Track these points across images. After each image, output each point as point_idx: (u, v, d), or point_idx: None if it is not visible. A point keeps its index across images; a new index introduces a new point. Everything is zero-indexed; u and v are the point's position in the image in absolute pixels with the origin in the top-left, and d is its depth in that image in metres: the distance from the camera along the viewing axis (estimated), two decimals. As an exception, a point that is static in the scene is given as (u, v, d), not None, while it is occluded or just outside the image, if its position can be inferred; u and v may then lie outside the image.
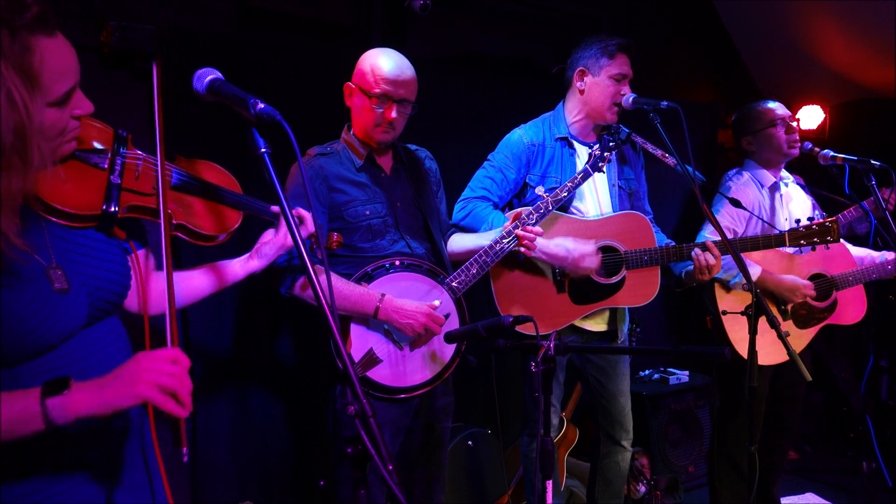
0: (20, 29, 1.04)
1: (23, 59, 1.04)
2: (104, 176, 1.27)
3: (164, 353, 1.14)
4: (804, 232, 2.48)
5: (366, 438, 1.13)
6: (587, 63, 2.54)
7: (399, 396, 2.16)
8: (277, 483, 2.80)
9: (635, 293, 2.55)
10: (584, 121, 2.60)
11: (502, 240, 2.25)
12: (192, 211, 1.44)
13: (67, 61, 1.12)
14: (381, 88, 2.11)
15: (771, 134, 2.87)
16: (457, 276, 2.24)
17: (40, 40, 1.07)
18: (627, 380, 2.73)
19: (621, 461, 2.74)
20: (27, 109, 1.04)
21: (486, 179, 2.54)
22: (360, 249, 2.17)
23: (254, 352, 2.74)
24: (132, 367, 1.12)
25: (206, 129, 2.44)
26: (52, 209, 1.19)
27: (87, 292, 1.23)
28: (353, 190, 2.18)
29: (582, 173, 2.37)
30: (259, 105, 1.28)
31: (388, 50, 2.18)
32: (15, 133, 1.04)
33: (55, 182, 1.19)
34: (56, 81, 1.10)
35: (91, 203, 1.24)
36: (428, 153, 2.46)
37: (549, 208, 2.31)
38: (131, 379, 1.10)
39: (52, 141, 1.14)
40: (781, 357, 2.74)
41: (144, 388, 1.09)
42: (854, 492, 3.62)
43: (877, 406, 3.96)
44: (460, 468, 2.97)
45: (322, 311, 1.19)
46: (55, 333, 1.17)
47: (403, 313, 2.09)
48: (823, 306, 2.87)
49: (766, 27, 4.21)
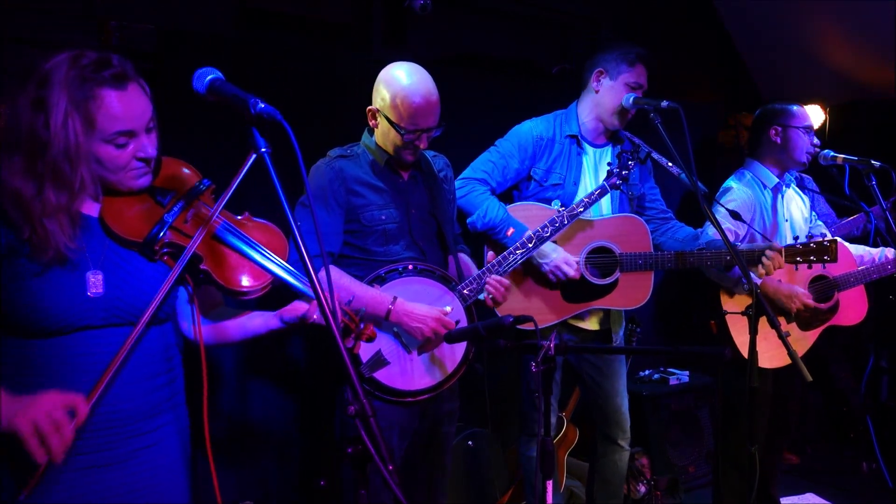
0: (91, 80, 1.32)
1: (85, 103, 1.32)
2: (161, 213, 1.46)
3: (66, 399, 1.27)
4: (801, 249, 2.47)
5: (366, 438, 1.13)
6: (607, 66, 2.55)
7: (406, 400, 2.16)
8: (278, 483, 2.80)
9: (627, 296, 2.55)
10: (596, 122, 2.62)
11: (511, 254, 2.32)
12: (222, 262, 1.52)
13: (126, 110, 1.36)
14: (411, 123, 2.09)
15: (801, 136, 2.86)
16: (468, 283, 2.25)
17: (105, 91, 1.33)
18: (624, 379, 2.73)
19: (619, 460, 2.74)
20: (77, 140, 1.31)
21: (488, 163, 2.56)
22: (374, 253, 2.18)
23: (255, 351, 2.74)
24: (32, 399, 1.25)
25: (205, 129, 2.44)
26: (106, 226, 1.43)
27: (105, 298, 1.39)
28: (370, 194, 2.18)
29: (599, 189, 2.40)
30: (259, 105, 1.28)
31: (411, 72, 2.12)
32: (66, 156, 1.31)
33: (121, 206, 1.44)
34: (111, 124, 1.34)
35: (136, 231, 1.44)
36: (446, 160, 2.43)
37: (566, 223, 2.36)
38: (23, 409, 1.23)
39: (114, 174, 1.40)
40: (785, 360, 2.73)
41: (21, 420, 1.22)
42: (854, 492, 3.62)
43: (877, 406, 3.96)
44: (460, 468, 2.97)
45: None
46: (66, 321, 1.35)
47: (414, 317, 2.10)
48: (826, 308, 2.87)
49: (767, 27, 4.21)
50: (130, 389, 1.43)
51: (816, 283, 2.88)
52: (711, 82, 4.48)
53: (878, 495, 3.51)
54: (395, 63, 2.17)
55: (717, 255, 2.48)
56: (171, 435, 1.53)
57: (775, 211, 2.93)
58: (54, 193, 1.32)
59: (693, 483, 3.58)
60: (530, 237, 2.33)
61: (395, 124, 2.10)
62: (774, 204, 2.93)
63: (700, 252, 2.51)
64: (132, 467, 1.43)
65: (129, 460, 1.43)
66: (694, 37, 4.33)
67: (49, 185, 1.32)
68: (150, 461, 1.46)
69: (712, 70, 4.47)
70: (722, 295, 2.82)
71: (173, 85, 2.31)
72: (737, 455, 2.90)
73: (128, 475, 1.43)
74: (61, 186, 1.32)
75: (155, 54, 2.39)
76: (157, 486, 1.47)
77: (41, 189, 1.31)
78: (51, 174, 1.31)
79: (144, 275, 1.45)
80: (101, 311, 1.39)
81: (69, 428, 1.24)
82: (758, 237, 2.78)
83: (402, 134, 2.10)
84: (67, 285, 1.37)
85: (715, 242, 2.53)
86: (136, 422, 1.44)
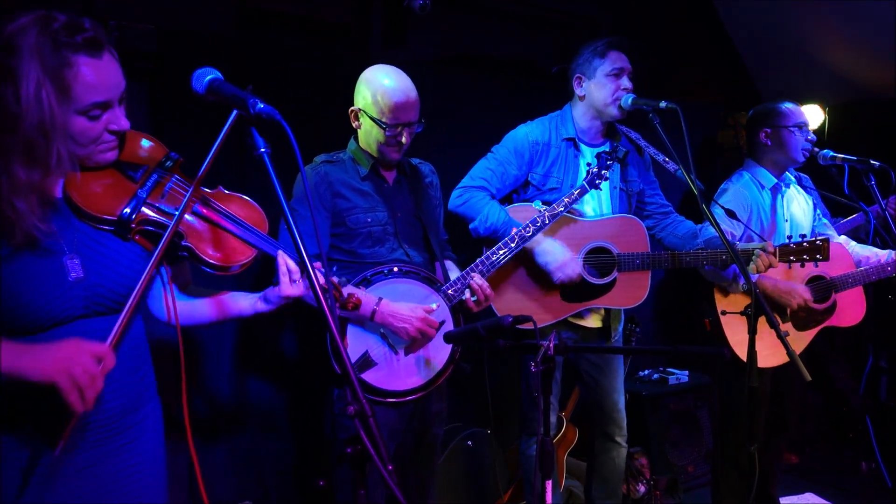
0: (65, 46, 1.22)
1: (58, 71, 1.21)
2: (134, 189, 1.38)
3: (93, 349, 1.22)
4: (794, 248, 2.48)
5: (365, 438, 1.13)
6: (582, 69, 2.58)
7: (389, 400, 2.18)
8: (276, 483, 2.80)
9: (625, 295, 2.57)
10: (591, 122, 2.62)
11: (494, 254, 2.32)
12: (205, 237, 1.47)
13: (102, 79, 1.27)
14: (393, 118, 2.15)
15: (791, 134, 2.86)
16: (453, 284, 2.28)
17: (81, 58, 1.23)
18: (621, 377, 2.75)
19: (616, 458, 2.75)
20: (52, 112, 1.20)
21: (486, 170, 2.56)
22: (360, 255, 2.22)
23: (254, 350, 2.74)
24: (59, 349, 1.21)
25: (205, 129, 2.43)
26: (73, 205, 1.32)
27: (84, 286, 1.32)
28: (355, 197, 2.22)
29: (579, 189, 2.40)
30: (258, 105, 1.28)
31: (389, 72, 2.20)
32: (39, 130, 1.20)
33: (88, 183, 1.33)
34: (86, 93, 1.25)
35: (108, 208, 1.34)
36: (431, 167, 2.49)
37: (546, 222, 2.36)
38: (51, 359, 1.19)
39: (84, 147, 1.29)
40: (781, 359, 2.74)
41: (59, 373, 1.18)
42: (853, 492, 3.62)
43: (876, 406, 3.96)
44: (460, 468, 2.97)
45: (323, 315, 1.19)
46: (49, 314, 1.28)
47: (399, 317, 2.12)
48: (822, 308, 2.87)
49: (766, 27, 4.21)
50: (117, 385, 1.40)
51: (813, 284, 2.89)
52: (711, 82, 4.47)
53: (877, 495, 3.51)
54: (373, 66, 2.24)
55: (713, 255, 2.49)
56: (150, 427, 1.51)
57: (774, 211, 2.93)
58: (24, 170, 1.21)
59: (692, 483, 3.58)
60: (513, 237, 2.34)
61: (377, 120, 2.16)
62: (773, 204, 2.93)
63: (697, 252, 2.52)
64: (120, 462, 1.42)
65: (117, 455, 1.42)
66: (694, 37, 4.33)
67: (18, 162, 1.20)
68: (136, 454, 1.45)
69: (712, 70, 4.46)
70: (716, 293, 2.83)
71: (173, 85, 2.33)
72: (736, 455, 2.90)
73: (118, 470, 1.42)
74: (33, 162, 1.21)
75: (155, 54, 2.39)
76: (141, 479, 1.46)
77: (7, 165, 1.20)
78: (22, 149, 1.20)
79: (122, 257, 1.38)
80: (83, 299, 1.32)
81: (101, 378, 1.22)
82: (754, 237, 2.78)
83: (385, 129, 2.15)
84: (45, 273, 1.27)
85: (713, 241, 2.54)
86: (124, 417, 1.43)
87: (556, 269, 2.44)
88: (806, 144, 2.85)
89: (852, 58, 4.06)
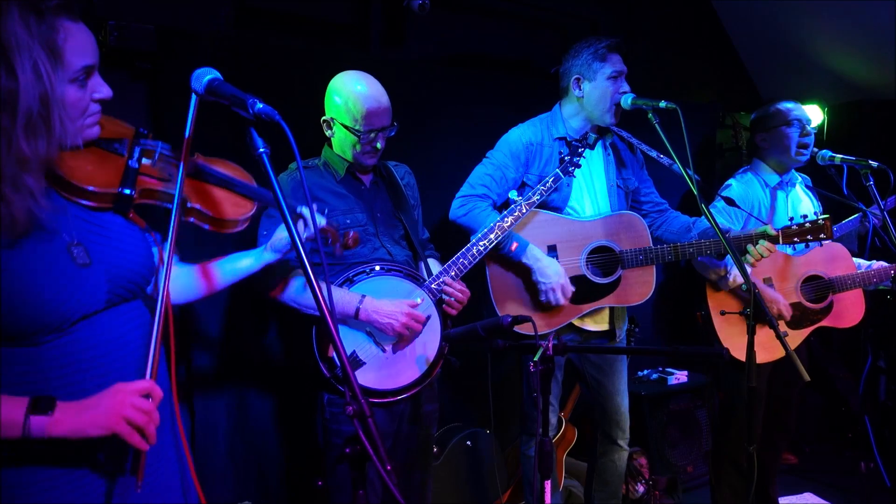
0: (47, 11, 1.18)
1: (49, 36, 1.17)
2: (123, 161, 1.35)
3: (139, 387, 1.22)
4: (797, 230, 2.49)
5: (364, 439, 1.13)
6: (581, 70, 2.56)
7: (385, 400, 2.17)
8: (276, 483, 2.80)
9: (631, 292, 2.56)
10: (583, 123, 2.62)
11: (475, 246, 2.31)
12: (207, 197, 1.48)
13: (87, 42, 1.25)
14: (367, 124, 2.16)
15: (784, 133, 2.86)
16: (436, 278, 2.28)
17: (64, 22, 1.20)
18: (625, 379, 2.74)
19: (618, 460, 2.74)
20: (51, 81, 1.17)
21: (486, 177, 2.55)
22: (342, 257, 2.20)
23: (252, 351, 2.74)
24: (109, 399, 1.20)
25: (204, 129, 2.43)
26: (71, 186, 1.27)
27: (104, 270, 1.28)
28: (333, 199, 2.23)
29: (553, 177, 2.39)
30: (258, 105, 1.28)
31: (359, 78, 2.20)
32: (41, 101, 1.16)
33: (77, 162, 1.28)
34: (76, 58, 1.22)
35: (108, 182, 1.31)
36: (408, 169, 2.49)
37: (524, 211, 2.35)
38: (106, 412, 1.18)
39: (75, 121, 1.25)
40: (774, 354, 2.74)
41: (116, 422, 1.18)
42: (852, 492, 3.62)
43: (875, 406, 3.96)
44: (460, 468, 2.97)
45: (322, 314, 1.20)
46: (72, 307, 1.21)
47: (383, 313, 2.11)
48: (818, 308, 2.87)
49: (765, 27, 4.21)
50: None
51: (809, 283, 2.89)
52: (710, 82, 4.48)
53: (876, 495, 3.51)
54: (341, 73, 2.25)
55: (714, 244, 2.50)
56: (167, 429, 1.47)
57: (773, 210, 2.93)
58: (27, 143, 1.15)
59: (692, 483, 3.58)
60: (492, 228, 2.32)
61: (350, 128, 2.17)
62: (773, 203, 2.93)
63: (699, 242, 2.52)
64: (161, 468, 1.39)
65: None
66: (693, 37, 4.34)
67: (19, 137, 1.15)
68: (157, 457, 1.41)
69: (711, 70, 4.47)
70: (708, 290, 2.83)
71: (173, 85, 2.32)
72: (735, 455, 2.91)
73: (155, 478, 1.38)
74: (35, 135, 1.16)
75: (154, 54, 2.39)
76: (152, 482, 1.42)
77: (9, 144, 1.14)
78: (23, 124, 1.15)
79: (125, 237, 1.34)
80: (105, 293, 1.26)
81: (156, 412, 1.23)
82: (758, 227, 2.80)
83: (360, 136, 2.16)
84: (54, 264, 1.21)
85: (707, 233, 2.55)
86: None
87: (548, 290, 2.44)
88: (801, 140, 2.85)
89: (852, 58, 4.07)
